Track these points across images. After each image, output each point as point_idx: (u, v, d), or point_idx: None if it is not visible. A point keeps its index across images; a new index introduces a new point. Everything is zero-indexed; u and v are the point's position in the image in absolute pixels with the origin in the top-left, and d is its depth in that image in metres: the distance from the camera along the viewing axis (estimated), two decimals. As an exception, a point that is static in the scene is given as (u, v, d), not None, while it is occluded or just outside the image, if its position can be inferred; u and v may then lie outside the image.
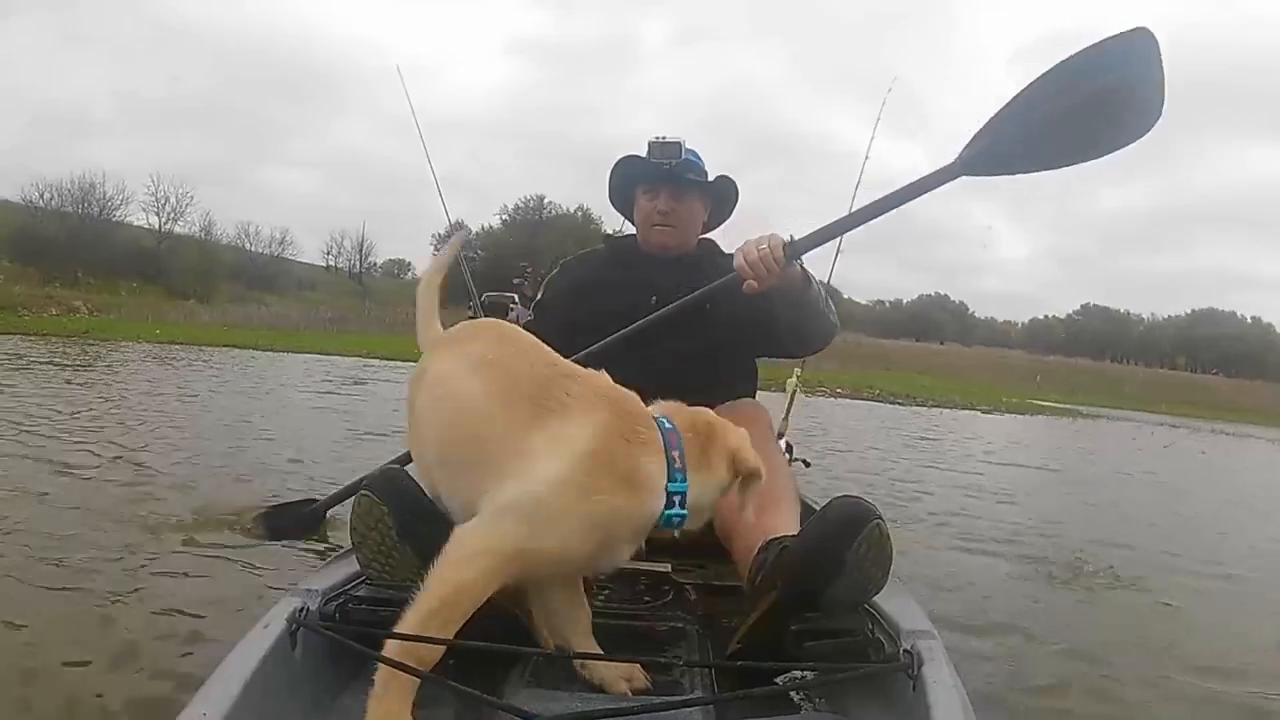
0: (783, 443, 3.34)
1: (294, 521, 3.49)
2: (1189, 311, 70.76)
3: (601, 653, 1.79)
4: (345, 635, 1.72)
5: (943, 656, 1.67)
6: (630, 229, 3.02)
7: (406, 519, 1.77)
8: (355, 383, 13.54)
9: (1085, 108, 2.26)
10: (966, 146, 2.41)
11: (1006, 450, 11.91)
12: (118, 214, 43.20)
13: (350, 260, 60.16)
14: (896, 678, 1.65)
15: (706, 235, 2.99)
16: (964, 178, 2.40)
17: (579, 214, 53.50)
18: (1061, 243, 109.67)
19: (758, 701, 1.72)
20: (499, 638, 1.77)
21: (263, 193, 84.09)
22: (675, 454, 1.60)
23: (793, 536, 1.89)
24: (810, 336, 2.74)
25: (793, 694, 1.77)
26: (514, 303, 40.24)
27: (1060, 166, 2.40)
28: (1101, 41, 2.27)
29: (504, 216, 55.88)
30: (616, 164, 2.90)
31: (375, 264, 62.43)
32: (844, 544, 1.71)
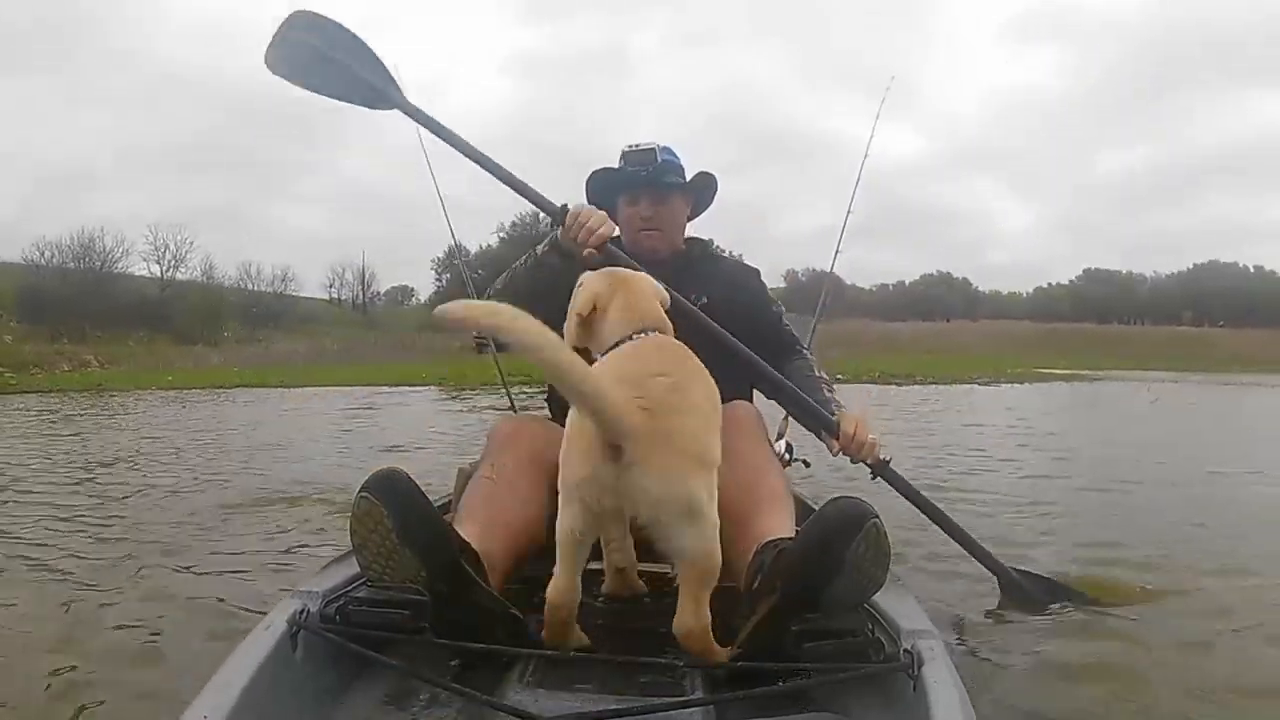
0: (783, 443, 3.34)
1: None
2: (1191, 266, 70.97)
3: (602, 653, 1.82)
4: (346, 637, 1.73)
5: (943, 656, 1.68)
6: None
7: (406, 520, 1.76)
8: (370, 408, 13.97)
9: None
10: (1022, 574, 3.10)
11: (976, 415, 13.06)
12: (119, 265, 43.85)
13: (353, 291, 60.58)
14: (897, 678, 1.66)
15: (696, 235, 3.02)
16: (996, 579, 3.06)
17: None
18: (1063, 210, 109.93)
19: (758, 702, 1.73)
20: (499, 638, 1.80)
21: (263, 231, 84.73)
22: None
23: (790, 539, 1.89)
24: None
25: (792, 695, 1.75)
26: None
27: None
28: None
29: (502, 234, 56.05)
30: (591, 177, 2.92)
31: (379, 293, 62.83)
32: (843, 544, 1.71)
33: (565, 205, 2.55)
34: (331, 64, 2.69)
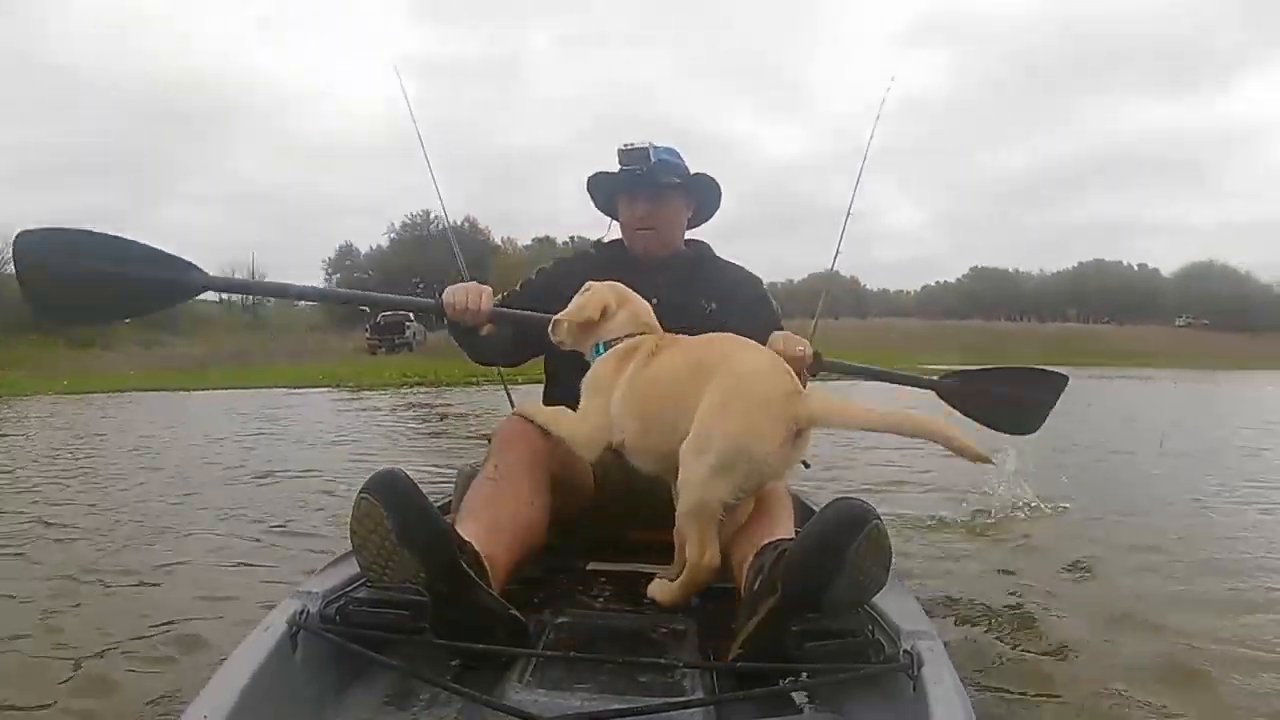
0: None
1: None
2: (1077, 264, 73.58)
3: (602, 654, 1.84)
4: (346, 637, 1.73)
5: (943, 657, 1.67)
6: (617, 232, 3.02)
7: (405, 521, 1.76)
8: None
9: (1005, 398, 3.18)
10: (947, 378, 3.23)
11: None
12: (7, 269, 42.62)
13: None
14: (897, 678, 1.66)
15: (698, 238, 3.04)
16: (933, 393, 3.20)
17: (465, 225, 53.98)
18: (950, 210, 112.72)
19: (758, 702, 1.74)
20: (499, 638, 1.80)
21: (155, 232, 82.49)
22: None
23: (790, 539, 1.90)
24: None
25: (793, 695, 1.76)
26: (410, 319, 39.71)
27: (976, 420, 3.17)
28: (1038, 369, 3.32)
29: (392, 235, 56.30)
30: (590, 181, 2.96)
31: (267, 294, 61.77)
32: (844, 544, 1.71)
33: (438, 299, 2.62)
34: (102, 281, 2.34)
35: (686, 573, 2.00)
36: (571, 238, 53.48)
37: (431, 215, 54.51)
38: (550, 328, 2.42)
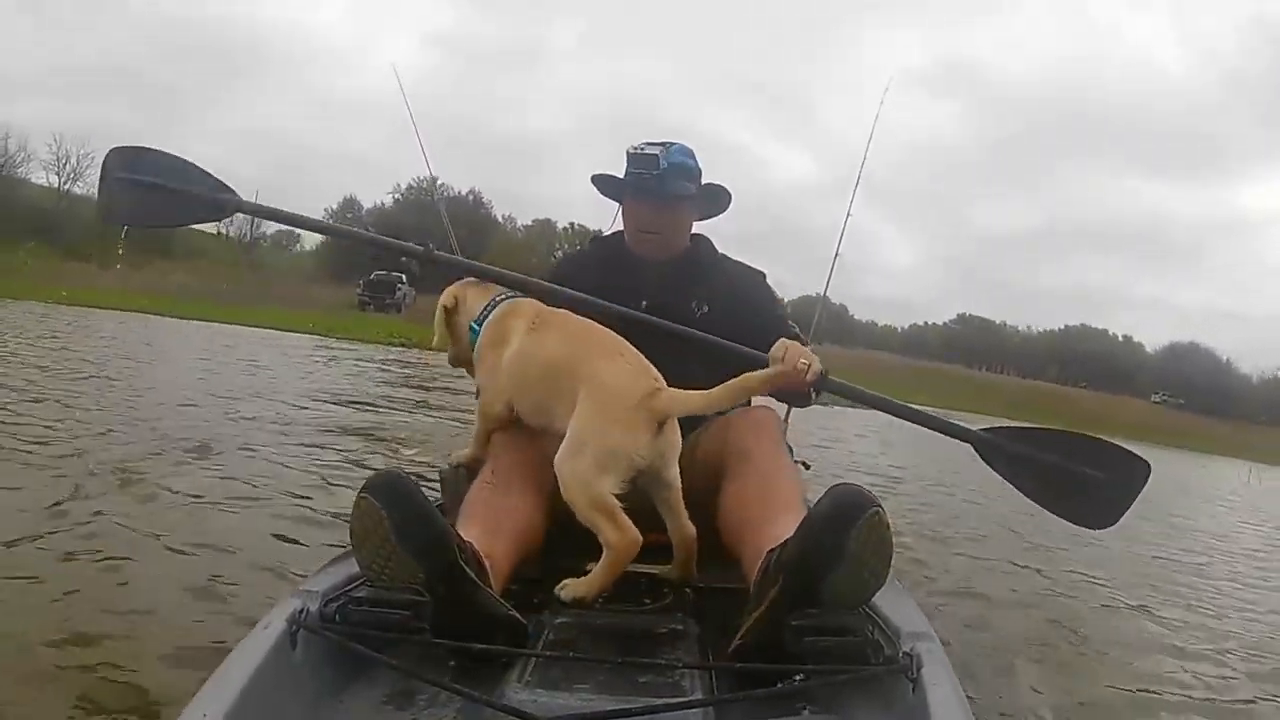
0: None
1: None
2: (1063, 327, 73.59)
3: (601, 654, 1.84)
4: (345, 637, 1.73)
5: (942, 659, 1.67)
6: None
7: (404, 521, 1.76)
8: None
9: (1068, 474, 2.52)
10: (991, 431, 2.67)
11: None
12: (20, 171, 43.23)
13: (241, 230, 59.84)
14: (896, 680, 1.66)
15: (698, 233, 2.90)
16: (970, 446, 2.66)
17: (470, 197, 54.76)
18: (944, 254, 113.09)
19: (757, 703, 1.73)
20: (499, 638, 1.81)
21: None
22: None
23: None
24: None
25: (792, 696, 1.74)
26: (402, 281, 39.72)
27: (1025, 493, 2.64)
28: (1116, 445, 2.59)
29: (397, 195, 56.12)
30: (595, 179, 2.84)
31: (265, 235, 62.05)
32: (843, 529, 1.70)
33: (429, 246, 2.76)
34: (163, 193, 2.68)
35: (609, 555, 2.05)
36: (571, 224, 54.50)
37: (439, 182, 53.50)
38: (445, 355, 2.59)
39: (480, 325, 2.42)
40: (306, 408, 8.66)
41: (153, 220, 2.88)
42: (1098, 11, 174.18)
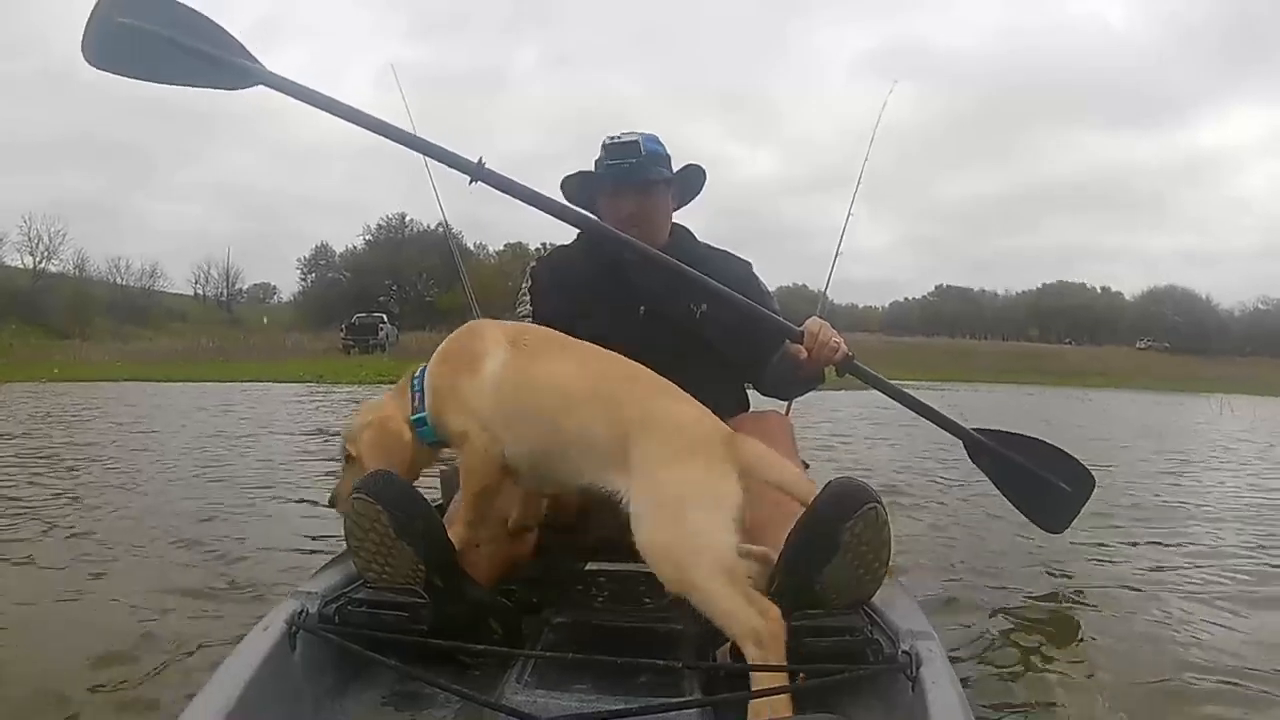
0: None
1: None
2: (1040, 286, 74.23)
3: (600, 654, 1.81)
4: (344, 638, 1.73)
5: (941, 658, 1.66)
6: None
7: (403, 515, 1.76)
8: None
9: (1035, 477, 2.92)
10: (983, 432, 2.95)
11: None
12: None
13: (218, 288, 61.19)
14: (895, 679, 1.66)
15: (677, 223, 2.80)
16: (961, 442, 2.97)
17: (439, 229, 54.09)
18: (916, 231, 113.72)
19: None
20: (497, 639, 1.82)
21: (131, 225, 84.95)
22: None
23: None
24: (784, 394, 2.96)
25: (791, 695, 1.68)
26: (384, 321, 40.14)
27: (1000, 489, 3.02)
28: (1074, 458, 3.01)
29: (367, 236, 56.97)
30: (566, 181, 2.70)
31: (241, 290, 62.96)
32: (838, 522, 1.68)
33: (480, 160, 2.48)
34: (168, 45, 2.28)
35: (758, 654, 1.63)
36: (543, 244, 53.84)
37: (407, 219, 55.44)
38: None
39: (424, 405, 2.02)
40: (313, 436, 9.01)
41: (151, 74, 2.38)
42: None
